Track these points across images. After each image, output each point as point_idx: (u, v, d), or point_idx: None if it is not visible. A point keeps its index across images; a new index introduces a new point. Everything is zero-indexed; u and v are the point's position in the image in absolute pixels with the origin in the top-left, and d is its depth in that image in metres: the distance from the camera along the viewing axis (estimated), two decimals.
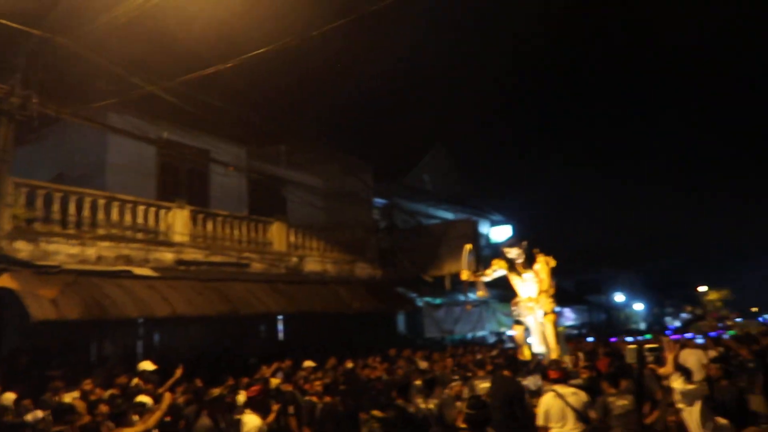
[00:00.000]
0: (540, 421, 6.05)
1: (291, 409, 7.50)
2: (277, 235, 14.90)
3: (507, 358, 7.95)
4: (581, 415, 5.89)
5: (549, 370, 6.45)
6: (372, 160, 19.51)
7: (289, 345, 14.35)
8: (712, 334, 16.20)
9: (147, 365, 8.81)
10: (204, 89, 12.09)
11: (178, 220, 12.54)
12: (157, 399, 6.70)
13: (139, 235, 11.85)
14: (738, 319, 26.88)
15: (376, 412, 7.04)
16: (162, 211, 12.43)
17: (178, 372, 8.60)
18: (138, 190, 12.55)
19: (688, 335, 15.06)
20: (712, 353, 10.48)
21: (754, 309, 44.19)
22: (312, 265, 15.74)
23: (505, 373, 7.39)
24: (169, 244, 12.27)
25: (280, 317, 15.01)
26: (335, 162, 18.09)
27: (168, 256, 12.19)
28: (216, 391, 6.02)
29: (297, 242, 15.48)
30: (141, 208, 12.01)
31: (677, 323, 35.99)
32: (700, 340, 12.92)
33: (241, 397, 8.09)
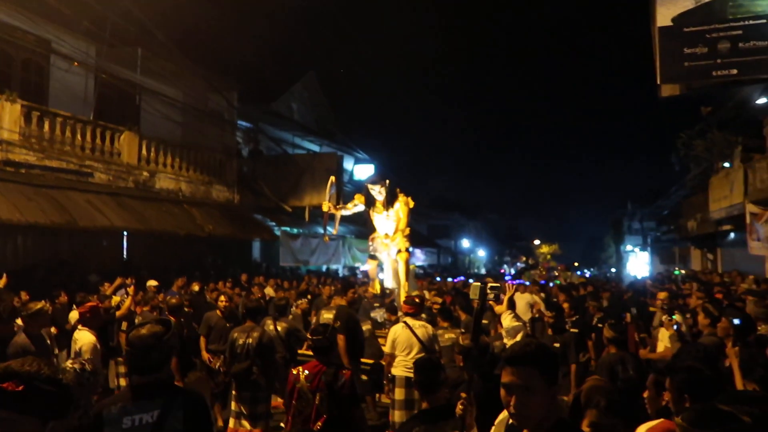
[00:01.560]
0: (387, 348, 6.31)
1: (124, 326, 7.09)
2: (127, 145, 13.69)
3: (342, 284, 8.12)
4: (426, 346, 6.20)
5: (404, 304, 6.70)
6: (239, 80, 18.43)
7: (133, 264, 13.52)
8: (542, 282, 17.86)
9: None
10: None
11: (8, 115, 10.99)
12: None
13: None
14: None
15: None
16: None
17: (1, 282, 7.71)
18: None
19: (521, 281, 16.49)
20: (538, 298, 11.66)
21: (576, 263, 49.61)
22: (164, 183, 14.76)
23: (340, 301, 7.59)
24: None
25: (125, 234, 14.02)
26: (198, 76, 16.81)
27: None
28: (36, 306, 5.42)
29: (149, 156, 14.36)
30: None
31: (513, 270, 39.37)
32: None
33: (75, 314, 7.49)
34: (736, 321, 4.70)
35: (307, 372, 4.21)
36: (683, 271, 21.84)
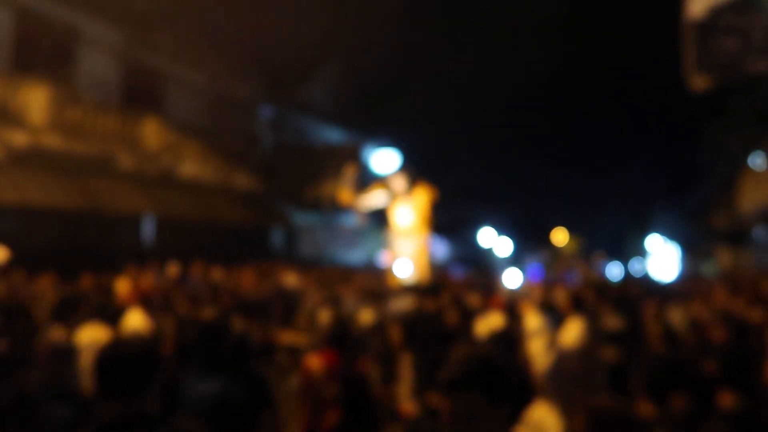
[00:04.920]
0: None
1: None
2: (151, 131, 13.80)
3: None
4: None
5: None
6: (263, 67, 18.47)
7: (156, 250, 13.66)
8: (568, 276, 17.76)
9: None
10: None
11: (35, 100, 11.14)
12: None
13: None
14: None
15: None
16: (16, 87, 10.96)
17: (3, 256, 7.82)
18: None
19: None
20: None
21: (601, 258, 48.74)
22: (187, 169, 14.86)
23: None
24: (22, 125, 10.91)
25: (148, 220, 14.18)
26: (223, 63, 16.90)
27: (20, 138, 10.86)
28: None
29: (173, 142, 14.47)
30: None
31: (534, 263, 39.01)
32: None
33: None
34: None
35: (322, 361, 4.20)
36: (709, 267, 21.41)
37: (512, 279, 9.29)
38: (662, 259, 36.85)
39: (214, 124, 16.67)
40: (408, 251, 10.49)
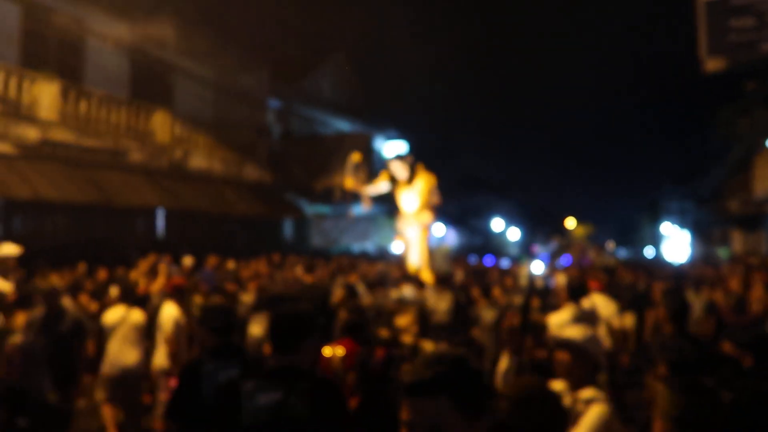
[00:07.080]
0: None
1: None
2: (161, 125, 13.80)
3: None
4: None
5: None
6: (270, 59, 18.40)
7: (168, 242, 13.71)
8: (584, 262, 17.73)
9: (9, 248, 7.91)
10: None
11: (45, 95, 11.15)
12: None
13: None
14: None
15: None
16: (26, 82, 10.97)
17: None
18: None
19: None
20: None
21: (612, 244, 48.67)
22: (197, 162, 14.88)
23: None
24: (33, 120, 10.93)
25: (159, 212, 14.21)
26: (230, 55, 16.84)
27: (32, 133, 10.89)
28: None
29: (182, 135, 14.47)
30: None
31: (546, 251, 38.85)
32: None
33: (115, 290, 7.59)
34: None
35: (340, 350, 4.18)
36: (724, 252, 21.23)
37: (536, 266, 9.21)
38: (674, 244, 36.61)
39: (222, 117, 16.64)
40: (412, 238, 10.47)
